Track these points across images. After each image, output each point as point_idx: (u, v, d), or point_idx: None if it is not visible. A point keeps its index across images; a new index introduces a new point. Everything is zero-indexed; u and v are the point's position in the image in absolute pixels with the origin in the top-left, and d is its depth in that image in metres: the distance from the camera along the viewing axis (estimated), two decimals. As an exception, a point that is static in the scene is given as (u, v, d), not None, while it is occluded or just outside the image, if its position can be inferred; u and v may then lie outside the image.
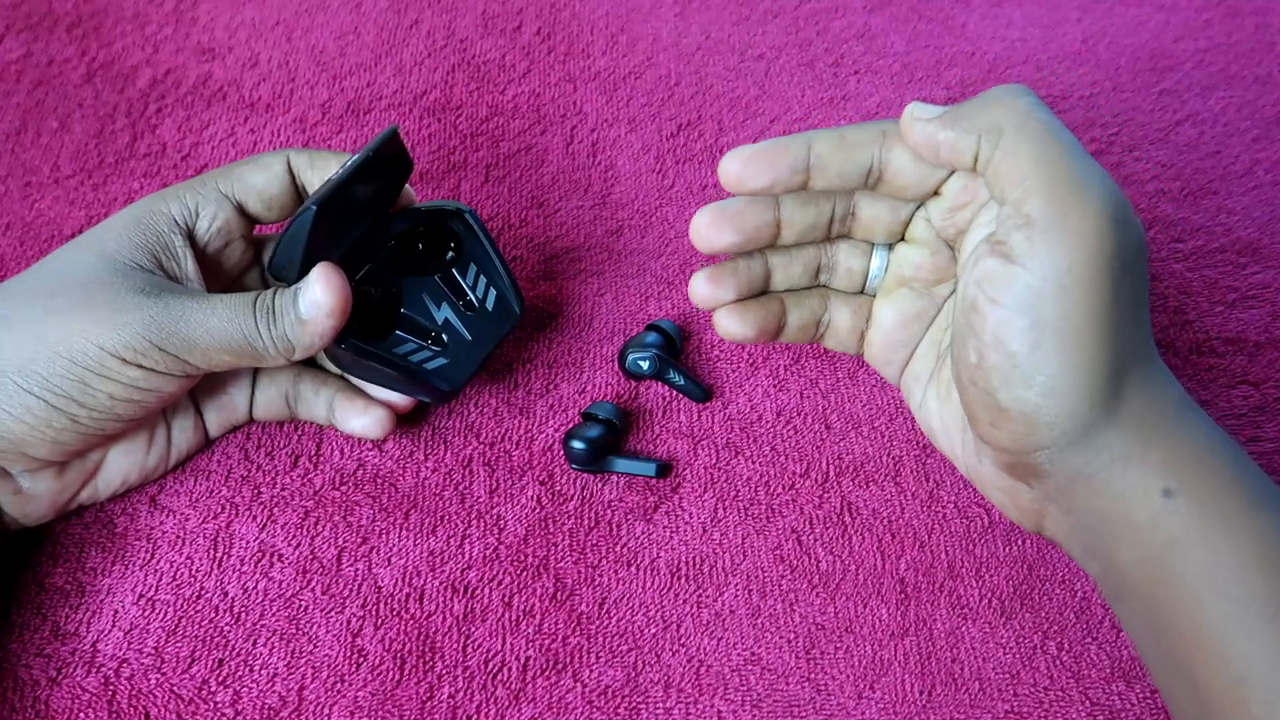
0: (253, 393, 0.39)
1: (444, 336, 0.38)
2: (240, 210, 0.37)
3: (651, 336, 0.41)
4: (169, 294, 0.33)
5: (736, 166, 0.32)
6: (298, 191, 0.37)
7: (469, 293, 0.39)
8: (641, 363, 0.40)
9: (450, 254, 0.40)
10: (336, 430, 0.40)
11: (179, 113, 0.51)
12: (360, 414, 0.38)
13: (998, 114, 0.30)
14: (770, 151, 0.32)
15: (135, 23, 0.56)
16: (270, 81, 0.53)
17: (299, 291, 0.33)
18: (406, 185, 0.38)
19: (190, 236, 0.36)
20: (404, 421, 0.40)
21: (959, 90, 0.53)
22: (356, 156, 0.34)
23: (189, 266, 0.35)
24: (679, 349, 0.42)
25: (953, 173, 0.32)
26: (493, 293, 0.40)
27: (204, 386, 0.38)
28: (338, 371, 0.39)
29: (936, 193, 0.33)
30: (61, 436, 0.33)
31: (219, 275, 0.37)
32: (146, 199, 0.36)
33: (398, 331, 0.38)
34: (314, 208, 0.32)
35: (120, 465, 0.37)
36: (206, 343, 0.33)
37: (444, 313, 0.39)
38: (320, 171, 0.37)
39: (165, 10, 0.56)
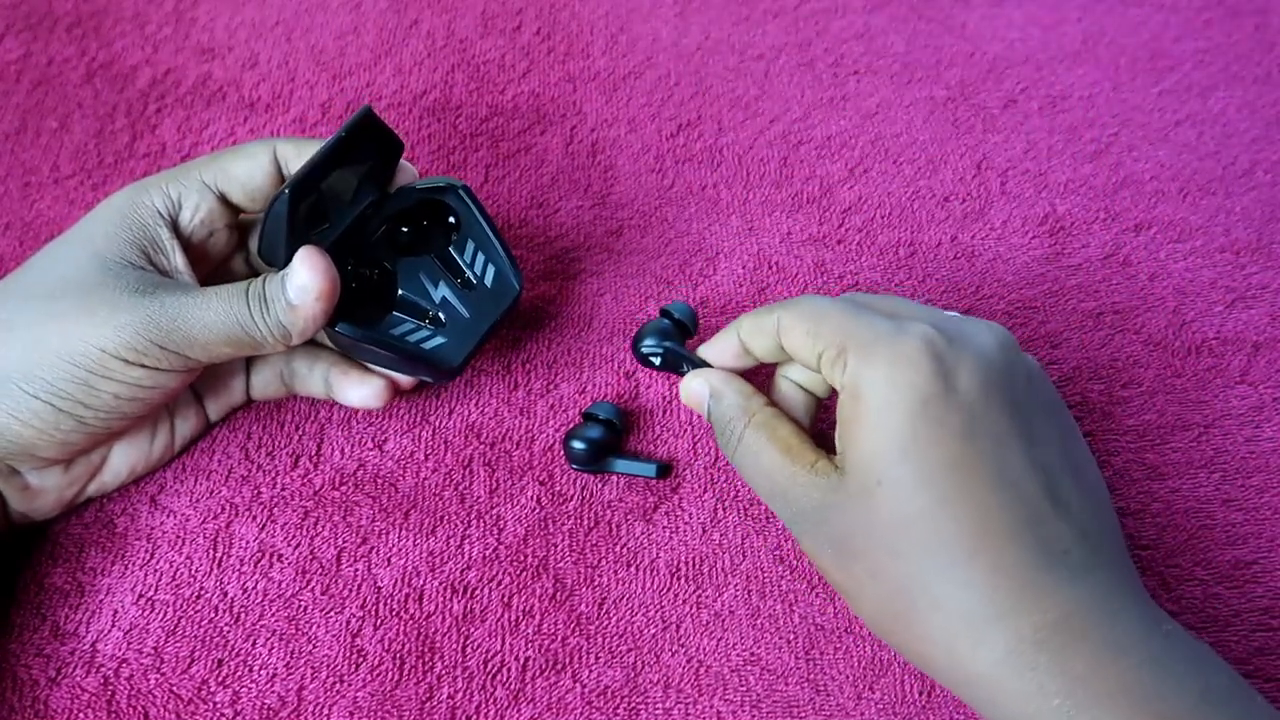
0: (248, 375, 0.39)
1: (441, 316, 0.38)
2: (223, 200, 0.37)
3: (665, 324, 0.39)
4: (163, 291, 0.33)
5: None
6: (283, 182, 0.37)
7: (466, 270, 0.39)
8: (654, 359, 0.39)
9: (447, 231, 0.40)
10: (338, 417, 0.40)
11: (179, 113, 0.51)
12: (358, 385, 0.38)
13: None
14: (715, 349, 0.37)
15: (135, 23, 0.56)
16: (270, 81, 0.53)
17: (286, 277, 0.33)
18: (406, 163, 0.38)
19: (175, 227, 0.35)
20: (404, 421, 0.40)
21: (959, 90, 0.53)
22: (330, 138, 0.34)
23: (178, 259, 0.35)
24: (693, 332, 0.40)
25: None
26: (491, 269, 0.39)
27: (201, 374, 0.38)
28: (332, 345, 0.39)
29: None
30: (69, 437, 0.33)
31: (205, 262, 0.37)
32: (129, 189, 0.36)
33: (395, 312, 0.38)
34: (286, 193, 0.32)
35: (126, 458, 0.37)
36: (205, 337, 0.33)
37: (441, 291, 0.39)
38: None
39: (165, 10, 0.56)
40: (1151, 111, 0.52)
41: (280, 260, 0.34)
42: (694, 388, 0.36)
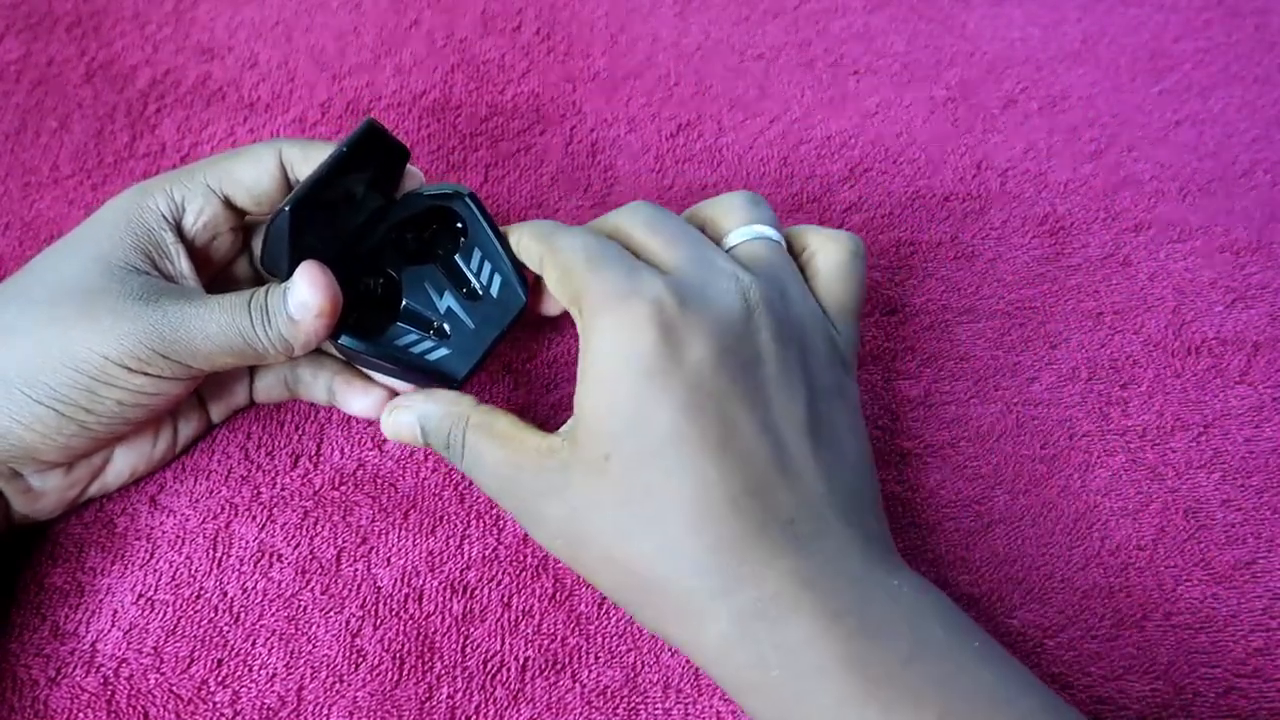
0: (252, 379, 0.39)
1: (446, 326, 0.38)
2: (227, 204, 0.36)
3: None
4: (167, 299, 0.33)
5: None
6: (289, 185, 0.37)
7: (472, 279, 0.39)
8: None
9: (454, 238, 0.40)
10: (338, 417, 0.40)
11: (178, 113, 0.51)
12: (361, 395, 0.38)
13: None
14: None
15: (135, 23, 0.56)
16: (270, 81, 0.53)
17: (287, 291, 0.33)
18: (413, 167, 0.38)
19: (179, 231, 0.35)
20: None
21: (959, 90, 0.53)
22: (332, 152, 0.34)
23: (183, 264, 0.35)
24: None
25: None
26: (497, 279, 0.39)
27: (205, 378, 0.38)
28: (336, 354, 0.39)
29: None
30: (73, 442, 0.33)
31: (209, 265, 0.37)
32: (132, 192, 0.35)
33: (399, 323, 0.38)
34: (287, 210, 0.32)
35: (128, 459, 0.37)
36: (208, 347, 0.33)
37: (446, 301, 0.38)
38: (313, 165, 0.36)
39: (165, 10, 0.56)
40: (1151, 111, 0.52)
41: (283, 273, 0.34)
42: (399, 420, 0.35)
